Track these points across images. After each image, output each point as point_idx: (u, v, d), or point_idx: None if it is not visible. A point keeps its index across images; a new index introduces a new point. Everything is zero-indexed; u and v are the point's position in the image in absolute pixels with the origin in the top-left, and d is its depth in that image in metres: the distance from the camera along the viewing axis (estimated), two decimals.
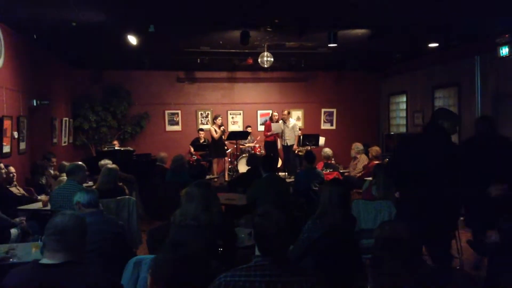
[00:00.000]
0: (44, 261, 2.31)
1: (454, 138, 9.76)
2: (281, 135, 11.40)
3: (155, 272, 2.00)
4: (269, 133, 11.64)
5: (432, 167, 4.06)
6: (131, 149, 10.25)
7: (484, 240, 4.82)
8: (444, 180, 4.07)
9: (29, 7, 6.47)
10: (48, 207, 5.49)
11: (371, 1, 6.50)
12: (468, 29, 8.31)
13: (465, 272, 5.22)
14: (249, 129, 12.52)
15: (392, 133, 12.82)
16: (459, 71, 10.06)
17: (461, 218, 6.38)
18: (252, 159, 7.50)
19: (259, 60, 9.50)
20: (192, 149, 12.14)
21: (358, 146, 9.37)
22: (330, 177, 7.54)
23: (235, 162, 11.70)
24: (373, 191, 5.32)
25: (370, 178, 6.26)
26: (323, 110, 13.96)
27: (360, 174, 8.72)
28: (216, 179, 10.75)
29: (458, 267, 5.28)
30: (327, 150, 9.65)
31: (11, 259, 3.65)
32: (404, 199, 4.44)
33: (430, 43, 9.39)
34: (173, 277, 1.97)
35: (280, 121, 11.45)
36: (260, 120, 13.61)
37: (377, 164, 6.34)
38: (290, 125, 11.32)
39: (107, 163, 6.83)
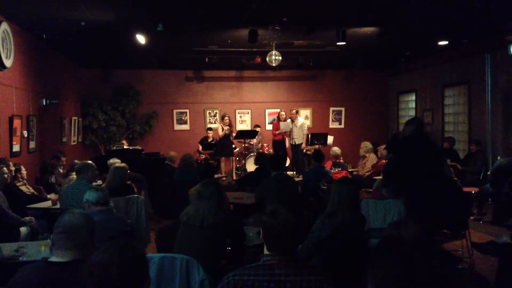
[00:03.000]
0: (53, 259, 2.32)
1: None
2: (289, 134, 11.38)
3: None
4: (277, 132, 11.62)
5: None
6: (139, 148, 10.28)
7: (495, 240, 4.77)
8: None
9: (38, 7, 6.50)
10: (58, 206, 5.51)
11: None
12: (478, 27, 8.23)
13: (474, 273, 5.18)
14: (257, 129, 12.50)
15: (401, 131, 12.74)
16: (469, 69, 9.96)
17: (471, 218, 6.33)
18: (260, 158, 7.47)
19: (267, 58, 9.48)
20: (200, 148, 12.15)
21: (367, 145, 9.32)
22: (339, 176, 7.49)
23: (243, 161, 11.69)
24: (383, 190, 5.29)
25: (380, 177, 6.22)
26: (331, 108, 13.91)
27: (368, 173, 8.68)
28: (224, 178, 10.75)
29: (467, 268, 5.24)
30: (336, 149, 9.62)
31: (20, 258, 3.67)
32: None
33: (440, 41, 9.31)
34: None
35: (288, 120, 11.42)
36: (268, 119, 13.60)
37: (386, 163, 6.27)
38: (298, 124, 11.29)
39: (116, 162, 6.84)
